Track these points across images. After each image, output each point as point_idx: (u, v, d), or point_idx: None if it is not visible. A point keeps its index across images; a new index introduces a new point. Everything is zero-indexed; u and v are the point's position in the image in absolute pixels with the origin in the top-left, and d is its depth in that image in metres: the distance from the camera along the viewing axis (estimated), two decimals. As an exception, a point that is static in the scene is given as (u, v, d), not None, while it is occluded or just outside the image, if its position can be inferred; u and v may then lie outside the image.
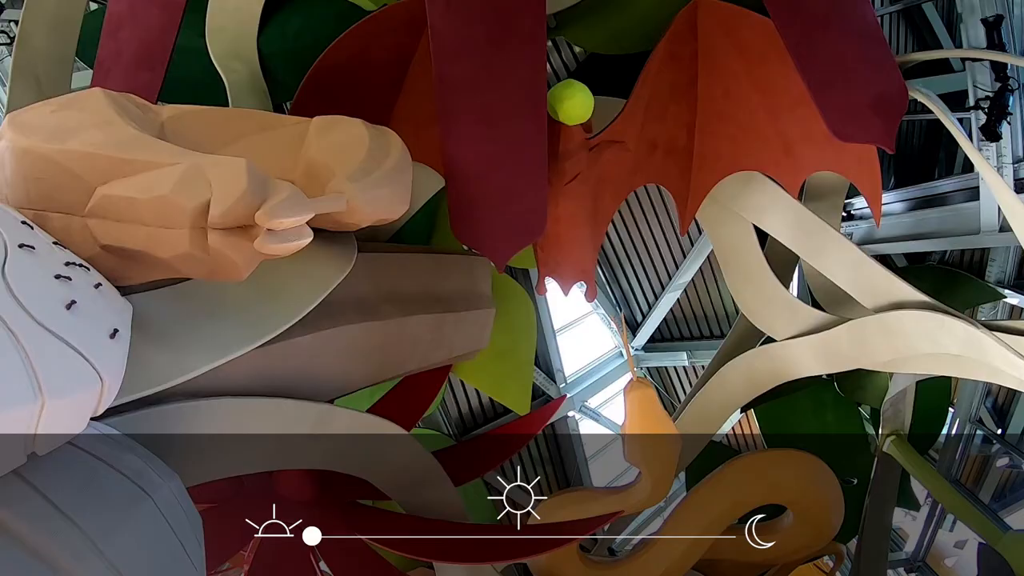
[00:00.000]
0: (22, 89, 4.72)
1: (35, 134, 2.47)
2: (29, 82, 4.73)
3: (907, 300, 4.49)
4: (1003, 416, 9.45)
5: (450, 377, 6.49)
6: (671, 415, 5.24)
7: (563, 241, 4.73)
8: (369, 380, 4.26)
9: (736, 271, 5.59)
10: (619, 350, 13.19)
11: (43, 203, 2.47)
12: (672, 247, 11.82)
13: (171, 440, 2.92)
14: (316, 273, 3.34)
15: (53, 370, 1.91)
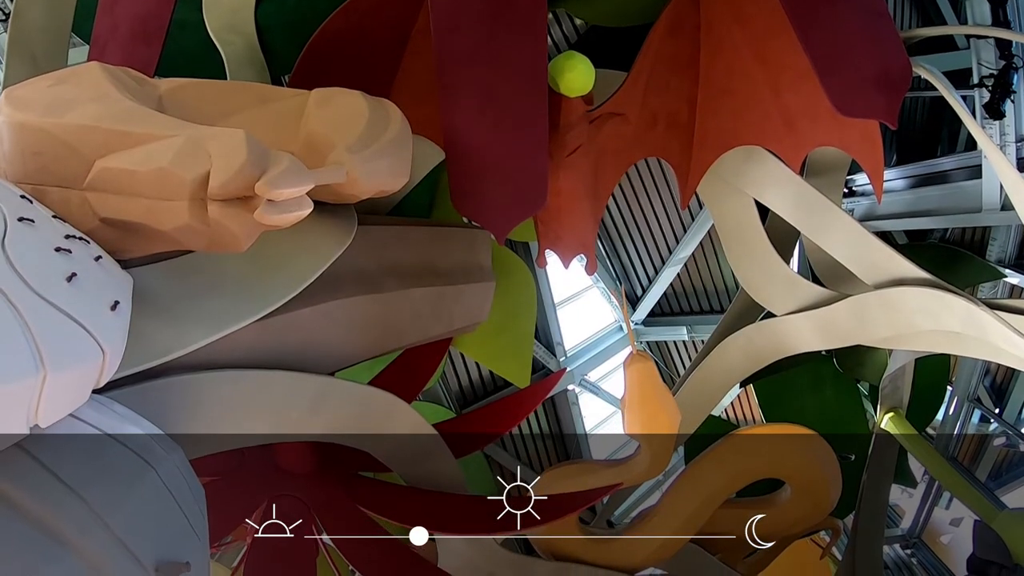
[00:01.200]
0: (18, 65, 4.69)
1: (32, 108, 2.46)
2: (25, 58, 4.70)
3: (908, 277, 4.49)
4: (1001, 395, 9.47)
5: (450, 350, 6.51)
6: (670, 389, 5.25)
7: (563, 213, 4.72)
8: (369, 353, 4.27)
9: (737, 246, 5.59)
10: (619, 324, 13.20)
11: (41, 177, 2.46)
12: (673, 221, 11.81)
13: (173, 413, 2.94)
14: (316, 246, 3.34)
15: (55, 342, 1.91)
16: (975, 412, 9.24)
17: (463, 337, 5.78)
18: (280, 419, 3.65)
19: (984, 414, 9.26)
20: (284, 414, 3.63)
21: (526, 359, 6.76)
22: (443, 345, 5.68)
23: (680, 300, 12.77)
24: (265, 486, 4.42)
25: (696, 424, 6.44)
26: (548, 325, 11.30)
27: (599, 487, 4.71)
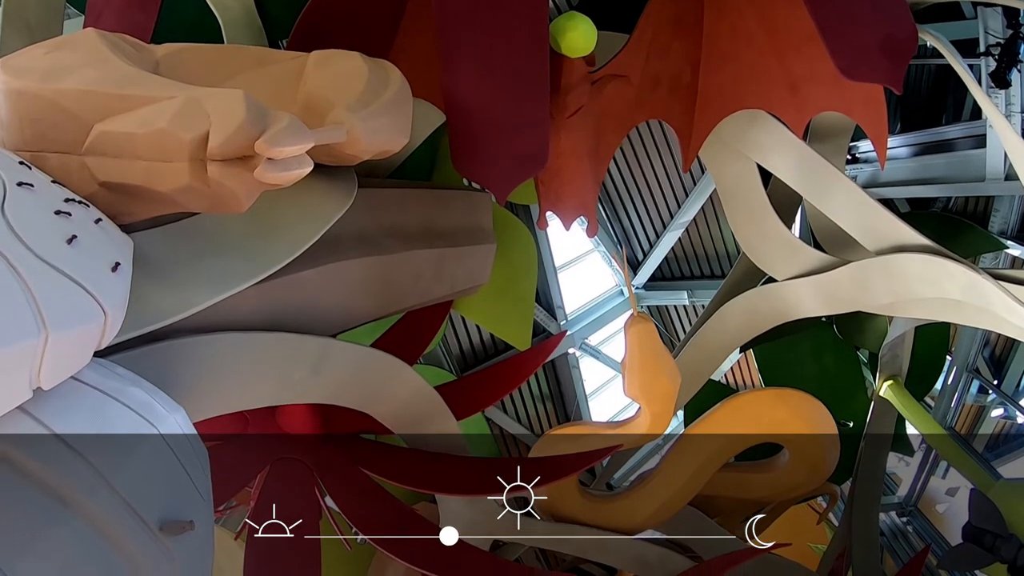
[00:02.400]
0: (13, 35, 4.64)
1: (29, 76, 2.44)
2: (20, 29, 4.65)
3: (909, 244, 4.48)
4: (1000, 367, 9.49)
5: (451, 313, 6.51)
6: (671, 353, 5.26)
7: (564, 175, 4.70)
8: (371, 315, 4.28)
9: (738, 210, 5.57)
10: (620, 288, 13.20)
11: (40, 144, 2.45)
12: (674, 185, 11.75)
13: (175, 376, 2.95)
14: (317, 208, 3.33)
15: (56, 304, 1.92)
16: (974, 383, 9.26)
17: (464, 300, 5.79)
18: (282, 381, 3.67)
19: (983, 385, 9.28)
20: (286, 375, 3.65)
21: (527, 322, 6.78)
22: (444, 308, 5.69)
23: (681, 265, 12.75)
24: (268, 449, 4.45)
25: (696, 388, 6.46)
26: (549, 288, 11.29)
27: (599, 448, 4.73)
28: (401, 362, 4.19)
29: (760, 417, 5.75)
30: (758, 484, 6.37)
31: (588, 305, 12.84)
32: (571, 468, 4.43)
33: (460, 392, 5.20)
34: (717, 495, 6.42)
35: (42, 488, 1.91)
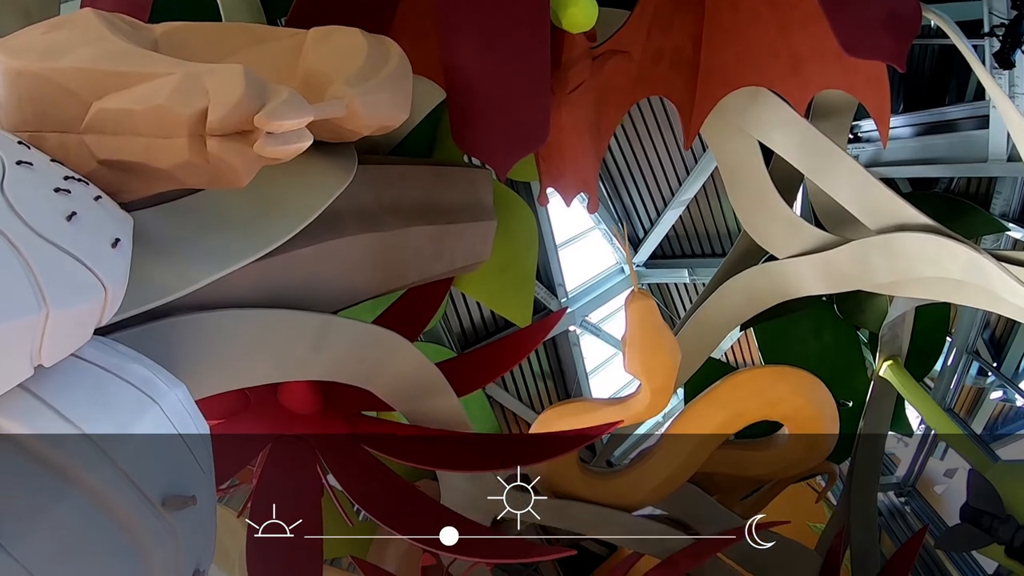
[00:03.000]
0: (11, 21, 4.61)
1: (26, 55, 2.43)
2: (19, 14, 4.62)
3: (911, 223, 4.47)
4: (1000, 349, 9.50)
5: (452, 291, 6.52)
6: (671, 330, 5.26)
7: (565, 151, 4.69)
8: (372, 291, 4.28)
9: (740, 188, 5.56)
10: (620, 266, 13.21)
11: (38, 124, 2.45)
12: (675, 163, 11.73)
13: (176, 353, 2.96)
14: (317, 184, 3.33)
15: (56, 280, 1.92)
16: (973, 365, 9.26)
17: (464, 277, 5.79)
18: (283, 357, 3.68)
19: (982, 367, 9.29)
20: (287, 352, 3.66)
21: (527, 299, 6.78)
22: (445, 285, 5.70)
23: (682, 243, 12.74)
24: (270, 427, 4.46)
25: (696, 366, 6.47)
26: (549, 266, 11.30)
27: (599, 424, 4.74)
28: (402, 338, 4.19)
29: (760, 394, 5.76)
30: (757, 462, 6.40)
31: (589, 283, 12.85)
32: (571, 444, 4.45)
33: (461, 369, 5.20)
34: (716, 472, 6.44)
35: (43, 464, 1.91)
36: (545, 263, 11.20)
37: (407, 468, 5.34)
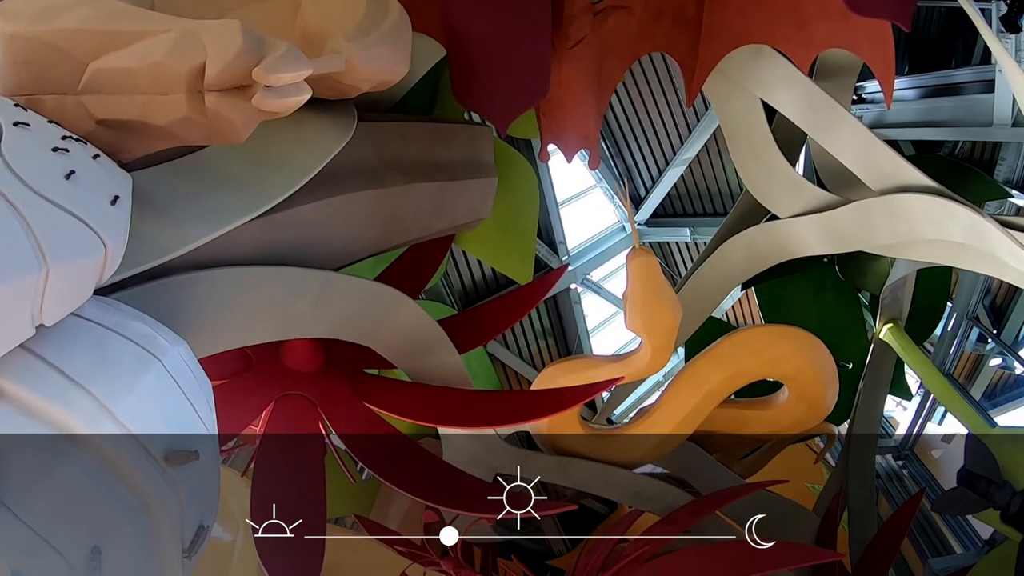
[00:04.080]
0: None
1: (21, 19, 2.42)
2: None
3: (914, 184, 4.44)
4: (1000, 316, 9.46)
5: (452, 249, 6.51)
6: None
7: (566, 106, 4.65)
8: (372, 248, 4.28)
9: (742, 147, 5.52)
10: (622, 224, 13.16)
11: (35, 86, 2.45)
12: (677, 121, 11.63)
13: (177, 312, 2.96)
14: (316, 141, 3.32)
15: (56, 238, 1.92)
16: (973, 331, 9.25)
17: (465, 234, 5.78)
18: (284, 315, 3.69)
19: (982, 333, 9.27)
20: (288, 310, 3.67)
21: (528, 256, 6.77)
22: (446, 242, 5.69)
23: (684, 202, 12.68)
24: (272, 386, 4.47)
25: (697, 325, 6.48)
26: (551, 223, 11.25)
27: (600, 381, 4.76)
28: (403, 295, 4.20)
29: (761, 353, 5.76)
30: (757, 421, 6.42)
31: (590, 241, 12.81)
32: (572, 400, 4.46)
33: (462, 325, 5.21)
34: (716, 431, 6.47)
35: (47, 423, 1.93)
36: (546, 221, 11.15)
37: (409, 426, 5.37)
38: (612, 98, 10.89)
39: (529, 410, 4.72)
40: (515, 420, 4.70)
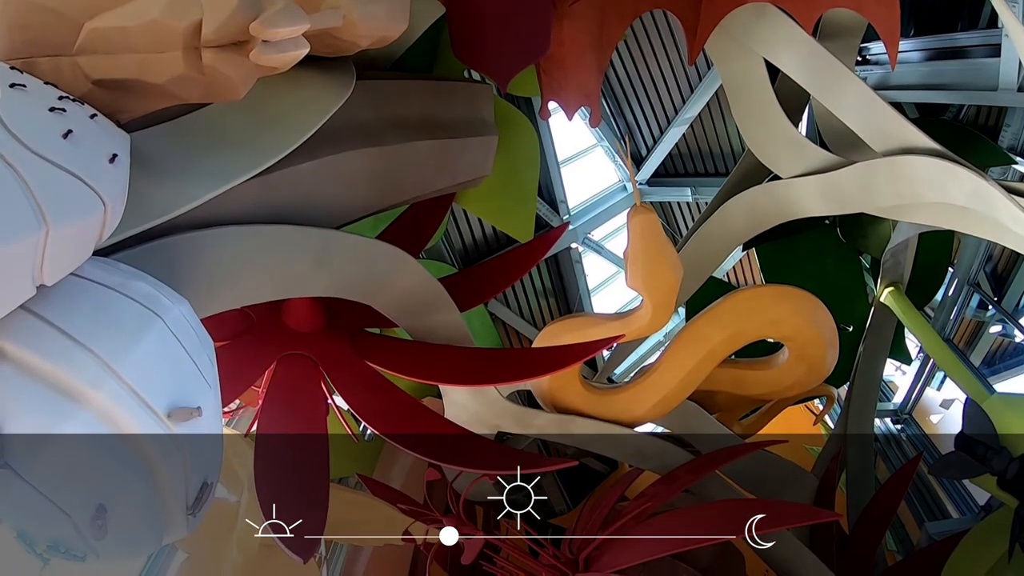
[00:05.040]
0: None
1: None
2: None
3: (917, 146, 4.41)
4: (1001, 283, 9.44)
5: (453, 208, 6.49)
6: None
7: (567, 64, 4.61)
8: (372, 207, 4.27)
9: (745, 106, 5.48)
10: (623, 183, 13.11)
11: (29, 50, 2.43)
12: (679, 80, 11.53)
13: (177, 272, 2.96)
14: (314, 99, 3.31)
15: (55, 197, 1.92)
16: (974, 297, 9.23)
17: (466, 193, 5.76)
18: (285, 274, 3.69)
19: (983, 299, 9.26)
20: (289, 269, 3.67)
21: (529, 214, 6.76)
22: (446, 201, 5.67)
23: (685, 161, 12.62)
24: (274, 346, 4.48)
25: (697, 285, 6.48)
26: (551, 182, 11.20)
27: (601, 339, 4.76)
28: (404, 253, 4.20)
29: (761, 313, 5.76)
30: (757, 381, 6.44)
31: (591, 200, 12.77)
32: (574, 358, 4.47)
33: (463, 284, 5.21)
34: (716, 391, 6.50)
35: (49, 383, 1.94)
36: (547, 179, 11.10)
37: (411, 385, 5.39)
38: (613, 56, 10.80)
39: (530, 368, 4.73)
40: (516, 378, 4.71)
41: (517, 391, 7.00)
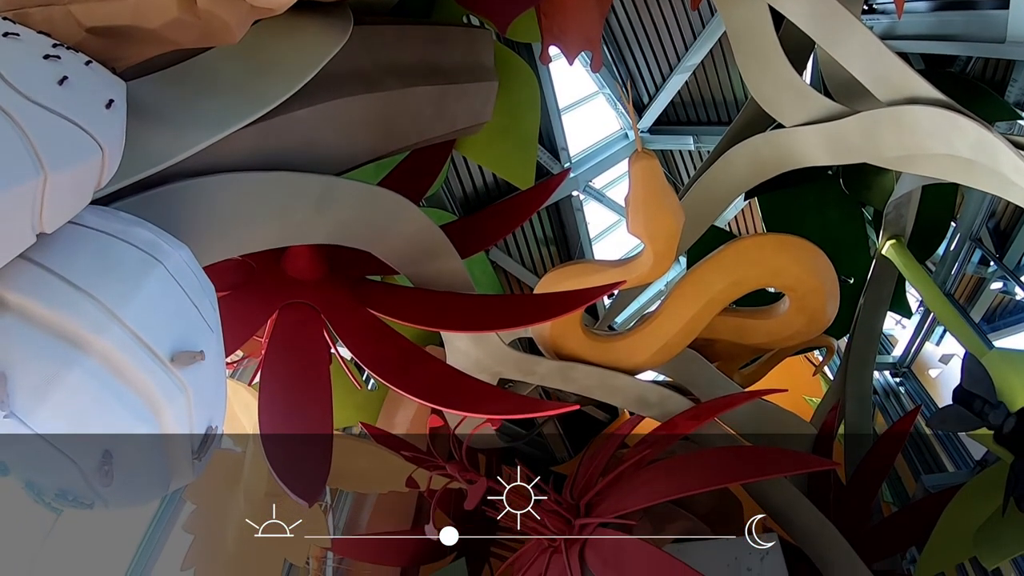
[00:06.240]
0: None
1: None
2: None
3: (922, 96, 4.36)
4: (1003, 240, 9.37)
5: (454, 156, 6.45)
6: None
7: (568, 8, 4.56)
8: (372, 153, 4.24)
9: (748, 53, 5.41)
10: (625, 131, 13.01)
11: (20, 1, 2.39)
12: (682, 26, 11.37)
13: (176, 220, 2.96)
14: (311, 45, 3.27)
15: (52, 144, 1.91)
16: (976, 252, 9.18)
17: (466, 140, 5.73)
18: (285, 221, 3.68)
19: (985, 255, 9.21)
20: (289, 215, 3.66)
21: (530, 161, 6.72)
22: (446, 148, 5.64)
23: (687, 110, 12.50)
24: (276, 295, 4.48)
25: (699, 233, 6.46)
26: (552, 129, 11.09)
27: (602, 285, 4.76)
28: (404, 199, 4.18)
29: (763, 261, 5.76)
30: (757, 330, 6.46)
31: (592, 148, 12.68)
32: (575, 303, 4.46)
33: (464, 231, 5.20)
34: (717, 339, 6.52)
35: (52, 331, 1.95)
36: (548, 127, 11.00)
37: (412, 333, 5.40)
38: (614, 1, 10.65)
39: (531, 313, 4.74)
40: (517, 323, 4.71)
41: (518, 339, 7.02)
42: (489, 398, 4.45)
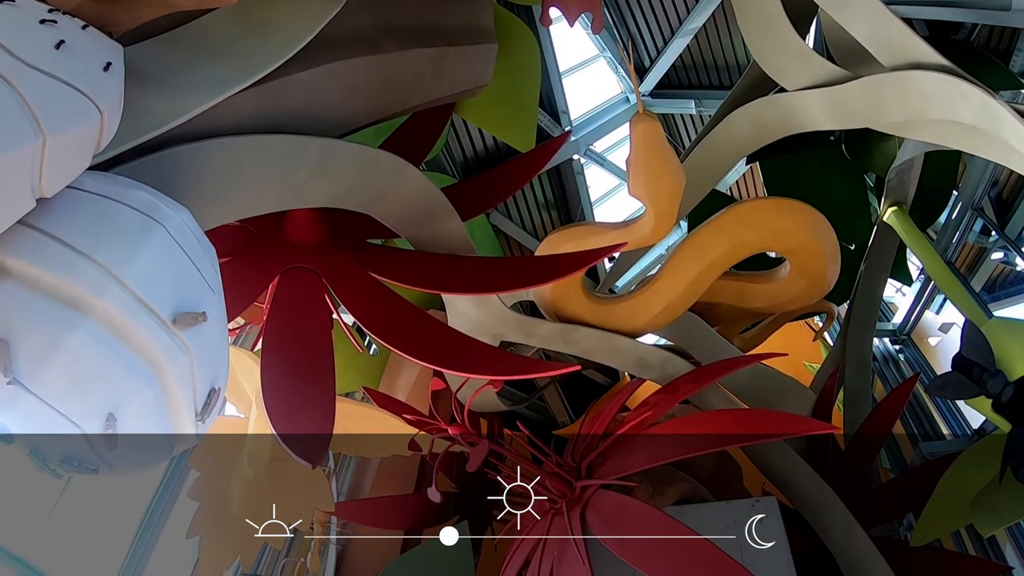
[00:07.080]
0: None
1: None
2: None
3: (926, 61, 4.31)
4: (1005, 210, 9.32)
5: (454, 120, 6.42)
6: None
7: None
8: (371, 116, 4.23)
9: (751, 15, 5.35)
10: (626, 95, 12.93)
11: None
12: (684, -12, 11.30)
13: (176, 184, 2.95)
14: (310, 7, 3.25)
15: (50, 107, 1.91)
16: (977, 222, 9.14)
17: (466, 103, 5.70)
18: (285, 184, 3.68)
19: (986, 225, 9.17)
20: (289, 178, 3.66)
21: (530, 124, 6.69)
22: (446, 111, 5.61)
23: (689, 73, 12.41)
24: (276, 260, 4.48)
25: (700, 197, 6.44)
26: (553, 93, 11.02)
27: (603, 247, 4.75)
28: (404, 161, 4.17)
29: (764, 225, 5.75)
30: (758, 294, 6.47)
31: (593, 111, 12.61)
32: (576, 265, 4.47)
33: (464, 193, 5.18)
34: (718, 303, 6.53)
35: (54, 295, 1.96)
36: (548, 90, 10.93)
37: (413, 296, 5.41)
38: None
39: (532, 276, 4.75)
40: (519, 285, 4.71)
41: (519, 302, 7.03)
42: (491, 359, 4.47)
